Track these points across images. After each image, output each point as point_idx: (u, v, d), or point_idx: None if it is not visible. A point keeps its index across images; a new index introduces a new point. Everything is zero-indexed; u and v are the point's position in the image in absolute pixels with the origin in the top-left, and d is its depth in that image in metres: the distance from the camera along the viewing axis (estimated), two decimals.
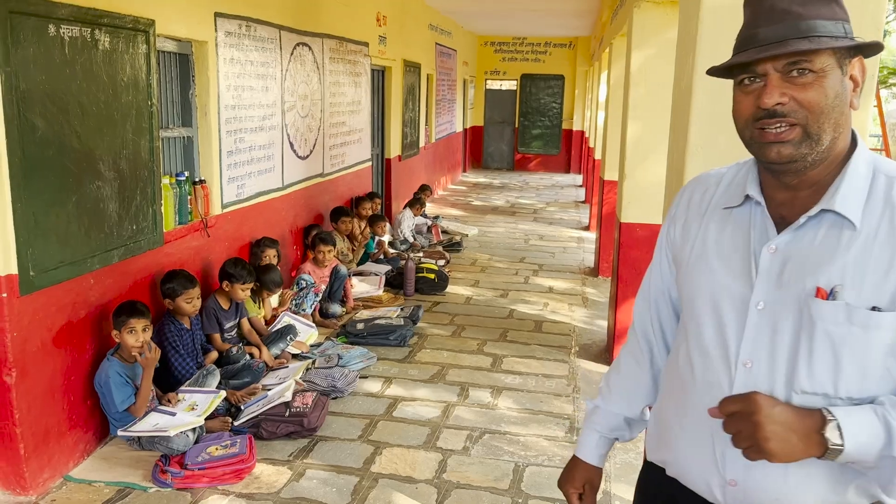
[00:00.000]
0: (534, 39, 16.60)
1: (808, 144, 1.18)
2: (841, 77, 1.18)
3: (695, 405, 1.32)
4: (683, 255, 1.41)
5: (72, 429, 3.39)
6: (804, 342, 1.20)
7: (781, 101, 1.17)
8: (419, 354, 5.00)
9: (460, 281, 7.01)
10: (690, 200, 1.43)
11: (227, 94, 4.74)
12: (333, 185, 7.02)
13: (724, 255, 1.32)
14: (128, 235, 3.71)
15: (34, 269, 3.06)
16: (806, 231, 1.23)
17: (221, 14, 4.59)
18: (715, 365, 1.29)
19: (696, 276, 1.35)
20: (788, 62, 1.17)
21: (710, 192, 1.40)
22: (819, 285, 1.19)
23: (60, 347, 3.29)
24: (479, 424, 3.96)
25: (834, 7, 1.19)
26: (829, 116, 1.17)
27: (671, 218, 1.48)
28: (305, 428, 3.71)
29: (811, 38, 1.15)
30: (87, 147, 3.37)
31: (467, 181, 15.17)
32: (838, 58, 1.18)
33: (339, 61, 6.95)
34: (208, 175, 4.62)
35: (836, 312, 1.17)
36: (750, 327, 1.25)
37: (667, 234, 1.49)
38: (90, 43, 3.34)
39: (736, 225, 1.33)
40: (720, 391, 1.27)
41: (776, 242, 1.25)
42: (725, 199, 1.36)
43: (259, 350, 4.47)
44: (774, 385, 1.22)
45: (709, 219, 1.37)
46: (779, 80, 1.18)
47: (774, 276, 1.24)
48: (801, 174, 1.23)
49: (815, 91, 1.16)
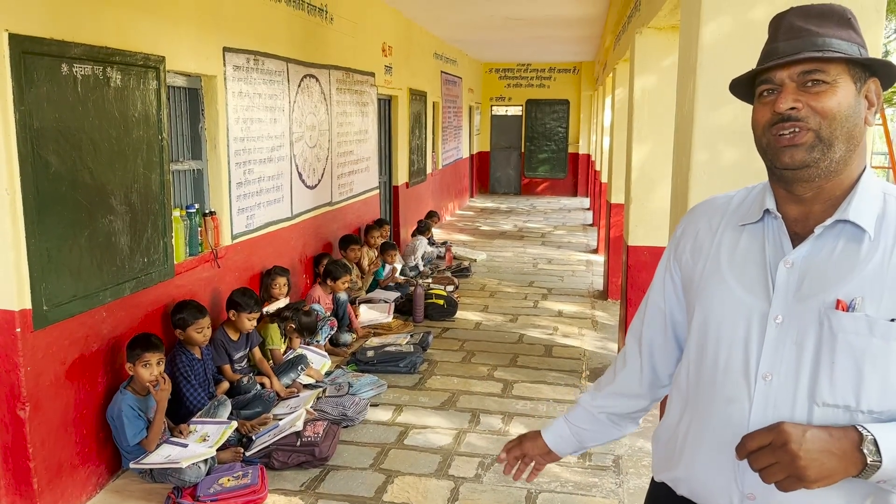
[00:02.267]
0: (538, 65, 16.75)
1: (820, 150, 1.22)
2: (855, 92, 1.23)
3: (712, 421, 1.33)
4: (694, 273, 1.42)
5: (85, 462, 3.40)
6: (825, 354, 1.22)
7: (795, 106, 1.22)
8: (429, 381, 5.00)
9: (469, 306, 7.01)
10: (699, 222, 1.46)
11: (236, 127, 4.81)
12: (342, 213, 7.07)
13: (739, 271, 1.33)
14: (139, 268, 3.75)
15: (47, 303, 3.10)
16: (822, 245, 1.26)
17: (230, 49, 4.68)
18: (733, 379, 1.30)
19: (711, 292, 1.36)
20: (803, 72, 1.22)
21: (720, 212, 1.43)
22: (839, 298, 1.21)
23: (73, 381, 3.32)
24: (490, 451, 3.94)
25: (850, 32, 1.25)
26: (841, 124, 1.21)
27: (676, 239, 1.50)
28: (317, 457, 3.71)
29: (824, 51, 1.21)
30: (99, 182, 3.43)
31: (475, 206, 15.23)
32: (852, 74, 1.23)
33: (345, 91, 7.04)
34: (218, 206, 4.67)
35: (857, 324, 1.19)
36: (769, 341, 1.26)
37: (673, 255, 1.50)
38: (102, 80, 3.41)
39: (750, 240, 1.35)
40: (740, 406, 1.28)
41: (792, 257, 1.27)
42: (740, 217, 1.38)
43: (270, 380, 4.48)
44: (796, 397, 1.23)
45: (721, 236, 1.39)
46: (794, 89, 1.23)
47: (793, 290, 1.26)
48: (814, 184, 1.25)
49: (828, 98, 1.21)
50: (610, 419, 1.65)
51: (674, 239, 1.52)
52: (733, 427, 1.28)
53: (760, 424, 1.23)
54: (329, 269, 5.78)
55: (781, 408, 1.24)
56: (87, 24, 3.32)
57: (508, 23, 9.83)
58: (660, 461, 1.50)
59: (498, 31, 10.87)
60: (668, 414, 1.50)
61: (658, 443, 1.53)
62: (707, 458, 1.34)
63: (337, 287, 5.76)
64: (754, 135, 1.31)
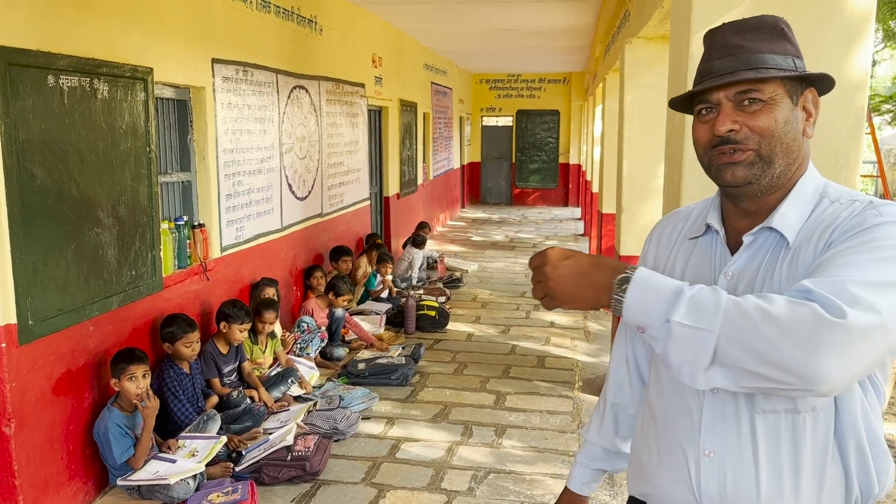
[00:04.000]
0: (528, 76, 16.80)
1: (760, 167, 1.24)
2: (791, 107, 1.25)
3: (670, 435, 1.35)
4: None
5: (71, 479, 3.35)
6: None
7: (734, 129, 1.24)
8: (421, 393, 4.97)
9: (461, 317, 6.99)
10: (661, 236, 1.50)
11: (225, 138, 4.78)
12: (332, 224, 7.04)
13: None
14: (127, 281, 3.71)
15: (33, 317, 3.06)
16: (755, 254, 1.29)
17: (218, 60, 4.66)
18: (686, 392, 1.32)
19: None
20: (739, 91, 1.24)
21: (679, 226, 1.47)
22: None
23: (60, 396, 3.27)
24: (483, 464, 3.91)
25: (784, 43, 1.26)
26: (780, 141, 1.23)
27: (643, 255, 1.54)
28: (307, 472, 3.67)
29: (759, 69, 1.22)
30: (86, 194, 3.39)
31: (466, 217, 15.22)
32: (788, 88, 1.24)
33: (335, 103, 7.03)
34: (207, 219, 4.64)
35: None
36: None
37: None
38: (89, 92, 3.39)
39: (700, 254, 1.38)
40: (691, 419, 1.31)
41: (731, 268, 1.31)
42: (690, 231, 1.43)
43: (259, 392, 4.44)
44: (739, 408, 1.26)
45: (676, 251, 1.43)
46: (731, 109, 1.24)
47: None
48: (758, 198, 1.28)
49: (764, 117, 1.23)
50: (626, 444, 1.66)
51: (641, 254, 1.57)
52: (687, 440, 1.31)
53: (711, 436, 1.28)
54: (334, 283, 5.75)
55: (729, 419, 1.27)
56: (73, 35, 3.29)
57: (498, 33, 9.86)
58: (632, 476, 1.52)
59: (488, 42, 10.90)
60: (637, 429, 1.52)
61: (630, 458, 1.54)
62: (667, 472, 1.36)
63: (337, 302, 5.73)
64: (696, 153, 1.33)
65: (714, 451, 1.28)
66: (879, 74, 18.88)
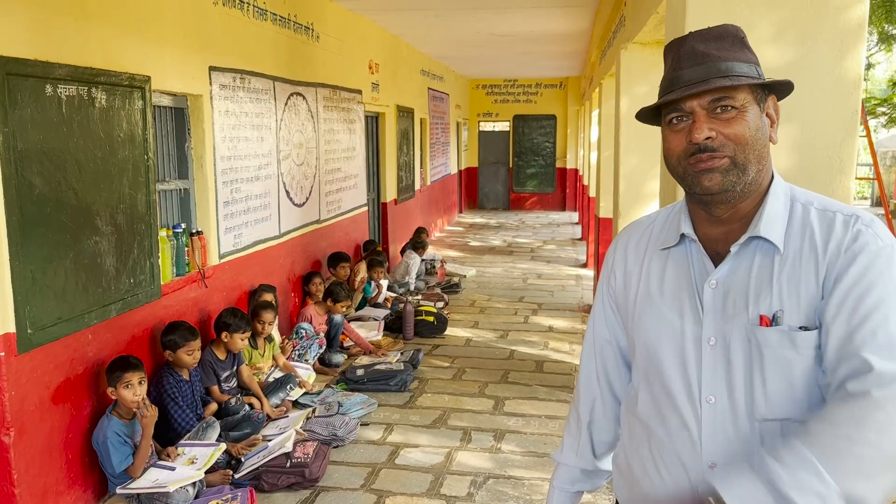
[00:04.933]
0: (525, 81, 16.84)
1: (735, 173, 1.25)
2: (759, 113, 1.27)
3: (668, 445, 1.34)
4: (628, 301, 1.43)
5: (70, 487, 3.34)
6: (757, 371, 1.24)
7: (710, 136, 1.24)
8: (420, 399, 4.97)
9: (459, 323, 6.99)
10: (627, 248, 1.48)
11: (223, 146, 4.79)
12: (330, 231, 7.05)
13: (670, 296, 1.35)
14: (125, 289, 3.71)
15: (32, 326, 3.06)
16: (741, 262, 1.28)
17: (216, 68, 4.67)
18: (681, 405, 1.32)
19: (645, 319, 1.38)
20: (713, 99, 1.25)
21: (645, 237, 1.45)
22: (762, 313, 1.24)
23: (58, 405, 3.27)
24: (482, 469, 3.91)
25: (746, 51, 1.28)
26: (753, 147, 1.25)
27: (609, 268, 1.51)
28: (307, 479, 3.67)
29: (730, 76, 1.24)
30: (85, 203, 3.40)
31: (464, 222, 15.23)
32: (755, 96, 1.27)
33: (332, 109, 7.05)
34: (205, 226, 4.65)
35: (781, 337, 1.22)
36: (706, 364, 1.29)
37: (607, 284, 1.51)
38: (87, 101, 3.39)
39: (676, 265, 1.37)
40: (688, 432, 1.30)
41: (716, 277, 1.30)
42: (662, 240, 1.41)
43: (260, 400, 4.44)
44: (738, 417, 1.26)
45: (648, 262, 1.41)
46: (705, 117, 1.25)
47: (719, 310, 1.28)
48: (731, 205, 1.29)
49: (738, 124, 1.24)
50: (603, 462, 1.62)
51: (605, 269, 1.53)
52: (687, 451, 1.30)
53: (711, 447, 1.27)
54: (332, 289, 5.75)
55: (728, 429, 1.27)
56: (71, 44, 3.30)
57: (494, 39, 9.89)
58: (620, 485, 1.50)
59: (484, 48, 10.92)
60: (624, 437, 1.50)
61: (617, 466, 1.52)
62: (667, 485, 1.35)
63: (336, 309, 5.73)
64: (668, 163, 1.33)
65: (717, 462, 1.27)
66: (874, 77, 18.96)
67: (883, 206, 8.47)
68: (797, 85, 1.34)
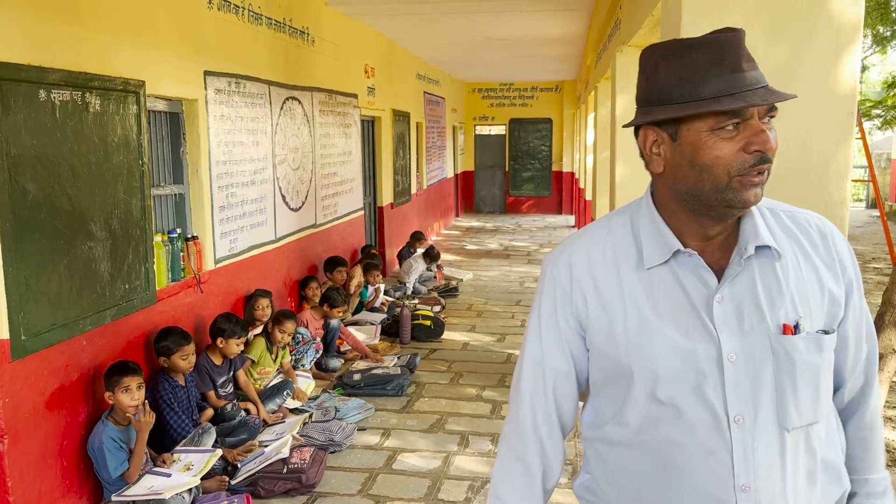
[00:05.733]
0: (520, 85, 16.86)
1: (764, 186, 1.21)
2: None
3: (691, 477, 1.24)
4: (614, 329, 1.28)
5: (65, 495, 3.32)
6: (787, 381, 1.21)
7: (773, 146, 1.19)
8: (417, 403, 4.95)
9: (456, 326, 6.98)
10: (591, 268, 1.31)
11: (218, 150, 4.78)
12: (326, 235, 7.04)
13: (670, 317, 1.24)
14: (120, 295, 3.70)
15: (26, 333, 3.04)
16: (743, 273, 1.23)
17: (211, 72, 4.66)
18: (704, 432, 1.22)
19: (650, 347, 1.25)
20: (769, 107, 1.17)
21: (609, 254, 1.31)
22: (783, 322, 1.21)
23: (53, 412, 3.25)
24: (480, 474, 3.90)
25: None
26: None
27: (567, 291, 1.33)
28: (304, 484, 3.65)
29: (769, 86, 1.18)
30: (79, 208, 3.38)
31: (460, 226, 15.23)
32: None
33: (328, 113, 7.04)
34: (200, 231, 4.63)
35: (808, 344, 1.21)
36: (730, 382, 1.21)
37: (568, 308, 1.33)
38: (81, 106, 3.38)
39: (664, 283, 1.26)
40: (718, 457, 1.21)
41: (722, 292, 1.22)
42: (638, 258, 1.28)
43: (256, 406, 4.42)
44: (770, 431, 1.21)
45: (629, 284, 1.27)
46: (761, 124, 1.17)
47: (735, 325, 1.21)
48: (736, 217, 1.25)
49: (774, 136, 1.18)
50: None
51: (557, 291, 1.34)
52: (716, 478, 1.22)
53: (744, 470, 1.20)
54: (328, 294, 5.73)
55: (759, 448, 1.21)
56: (65, 49, 3.29)
57: (490, 43, 9.90)
58: None
59: (480, 52, 10.93)
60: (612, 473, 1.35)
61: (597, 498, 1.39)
62: None
63: (332, 313, 5.71)
64: (711, 172, 1.17)
65: (749, 484, 1.20)
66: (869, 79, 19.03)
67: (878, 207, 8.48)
68: (793, 88, 1.34)
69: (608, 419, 1.34)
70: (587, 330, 1.32)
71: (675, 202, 1.26)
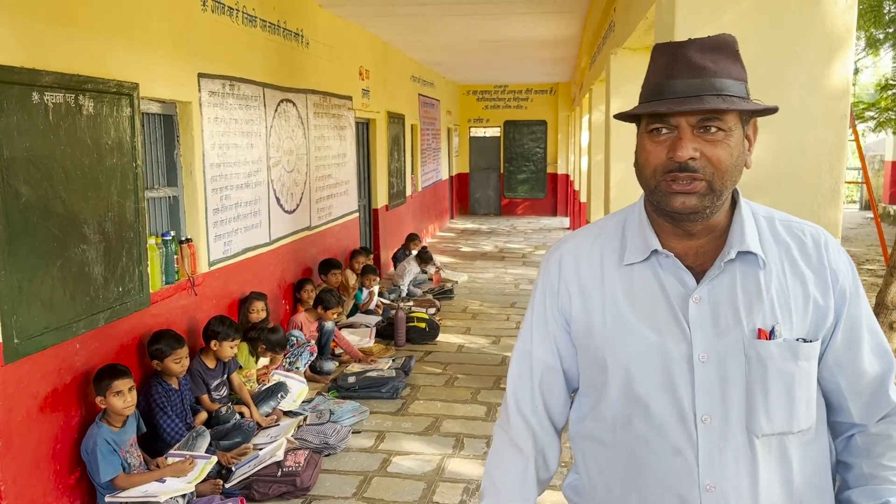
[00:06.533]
0: (515, 87, 16.88)
1: (710, 198, 1.21)
2: (742, 136, 1.23)
3: (657, 475, 1.27)
4: (592, 323, 1.32)
5: (58, 499, 3.30)
6: (758, 385, 1.21)
7: (694, 156, 1.19)
8: (412, 406, 4.95)
9: (451, 329, 6.97)
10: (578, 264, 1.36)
11: (212, 153, 4.77)
12: (321, 237, 7.02)
13: (645, 314, 1.27)
14: (114, 298, 3.68)
15: (18, 336, 3.02)
16: (723, 276, 1.25)
17: (205, 74, 4.65)
18: (671, 429, 1.25)
19: (623, 342, 1.28)
20: (702, 118, 1.19)
21: (596, 251, 1.35)
22: (759, 326, 1.21)
23: (46, 415, 3.23)
24: (475, 477, 3.89)
25: (739, 66, 1.22)
26: (731, 174, 1.21)
27: (555, 286, 1.38)
28: (298, 488, 3.64)
29: (724, 97, 1.18)
30: (72, 211, 3.37)
31: (455, 228, 15.23)
32: (741, 118, 1.22)
33: (323, 116, 7.03)
34: (195, 233, 4.62)
35: (781, 350, 1.21)
36: (700, 382, 1.23)
37: (555, 303, 1.38)
38: (74, 108, 3.37)
39: (644, 281, 1.29)
40: (682, 456, 1.24)
41: (699, 292, 1.24)
42: (620, 255, 1.32)
43: (250, 408, 4.41)
44: (736, 435, 1.22)
45: (610, 279, 1.31)
46: (691, 135, 1.19)
47: (709, 326, 1.23)
48: (702, 222, 1.25)
49: (722, 149, 1.19)
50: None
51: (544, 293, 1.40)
52: (682, 476, 1.24)
53: (709, 470, 1.22)
54: (322, 297, 5.72)
55: (725, 449, 1.22)
56: (58, 51, 3.28)
57: (484, 45, 9.91)
58: None
59: (474, 54, 10.94)
60: (590, 470, 1.39)
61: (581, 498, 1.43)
62: None
63: (327, 316, 5.70)
64: (642, 173, 1.25)
65: (714, 484, 1.22)
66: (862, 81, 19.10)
67: (872, 209, 8.52)
68: (787, 90, 1.34)
69: (587, 413, 1.38)
70: (571, 326, 1.37)
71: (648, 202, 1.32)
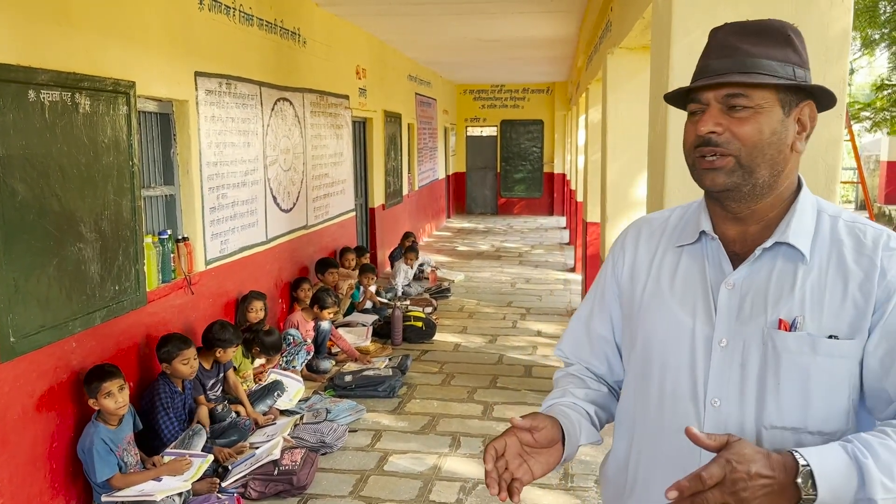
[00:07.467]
0: (512, 86, 16.88)
1: (740, 175, 1.21)
2: (782, 117, 1.21)
3: (663, 452, 1.30)
4: (634, 295, 1.39)
5: (54, 498, 3.30)
6: (771, 376, 1.21)
7: (715, 131, 1.20)
8: (409, 405, 4.95)
9: (448, 328, 6.98)
10: (638, 241, 1.43)
11: (209, 151, 4.76)
12: (318, 236, 7.02)
13: (681, 294, 1.31)
14: (110, 296, 3.68)
15: (14, 334, 3.02)
16: (761, 266, 1.25)
17: (202, 73, 4.64)
18: (682, 407, 1.27)
19: (653, 316, 1.34)
20: (728, 94, 1.20)
21: (658, 232, 1.41)
22: (781, 317, 1.21)
23: (42, 414, 3.22)
24: (472, 475, 3.90)
25: (787, 50, 1.21)
26: (763, 151, 1.20)
27: (614, 262, 1.46)
28: (295, 486, 3.64)
29: (750, 73, 1.18)
30: (68, 209, 3.36)
31: (452, 227, 15.23)
32: (781, 98, 1.21)
33: (320, 114, 7.03)
34: (191, 232, 4.61)
35: (800, 343, 1.19)
36: (715, 365, 1.25)
37: (612, 273, 1.46)
38: (71, 107, 3.36)
39: (690, 262, 1.33)
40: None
41: (733, 278, 1.26)
42: (677, 238, 1.37)
43: (245, 407, 4.40)
44: (744, 422, 1.22)
45: (661, 258, 1.37)
46: (717, 111, 1.21)
47: (734, 312, 1.25)
48: (744, 204, 1.25)
49: (749, 125, 1.19)
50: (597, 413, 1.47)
51: (610, 262, 1.48)
52: (685, 457, 1.24)
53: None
54: (318, 296, 5.72)
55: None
56: (55, 49, 3.27)
57: (481, 44, 9.91)
58: (609, 497, 1.45)
59: (471, 53, 10.94)
60: (614, 448, 1.45)
61: (606, 478, 1.47)
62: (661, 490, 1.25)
63: (323, 315, 5.70)
64: (684, 151, 1.29)
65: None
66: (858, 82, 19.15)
67: (867, 209, 8.54)
68: None
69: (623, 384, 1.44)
70: (621, 296, 1.44)
71: None
